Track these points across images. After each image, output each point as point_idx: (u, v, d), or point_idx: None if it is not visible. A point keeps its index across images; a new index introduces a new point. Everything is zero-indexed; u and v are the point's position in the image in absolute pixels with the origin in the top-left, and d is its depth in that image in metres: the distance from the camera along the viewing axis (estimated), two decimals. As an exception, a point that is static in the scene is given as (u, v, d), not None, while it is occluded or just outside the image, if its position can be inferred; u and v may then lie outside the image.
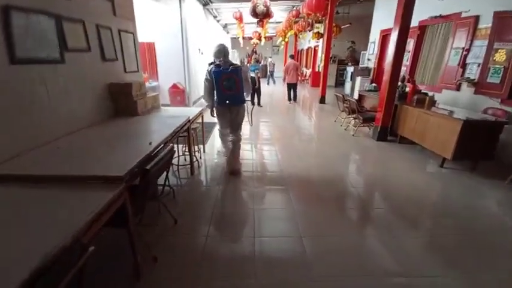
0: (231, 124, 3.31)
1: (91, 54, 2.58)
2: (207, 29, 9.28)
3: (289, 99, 9.42)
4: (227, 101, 3.11)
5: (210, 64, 3.12)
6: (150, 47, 5.95)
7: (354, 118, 5.46)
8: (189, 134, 3.08)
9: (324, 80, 8.65)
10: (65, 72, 2.25)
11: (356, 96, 7.98)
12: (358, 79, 8.07)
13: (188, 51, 5.96)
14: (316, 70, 14.71)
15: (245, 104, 3.27)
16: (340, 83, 14.24)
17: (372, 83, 7.68)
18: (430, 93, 4.72)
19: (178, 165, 3.32)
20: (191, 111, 3.41)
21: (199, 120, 3.70)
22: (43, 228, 1.11)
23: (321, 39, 12.57)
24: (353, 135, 5.17)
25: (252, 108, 4.52)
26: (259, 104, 8.18)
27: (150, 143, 2.00)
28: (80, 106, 2.42)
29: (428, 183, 3.32)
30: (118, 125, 2.62)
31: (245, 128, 5.69)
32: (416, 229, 2.38)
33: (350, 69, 8.92)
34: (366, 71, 8.20)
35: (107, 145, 1.97)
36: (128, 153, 1.81)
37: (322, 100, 8.78)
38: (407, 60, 6.28)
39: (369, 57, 8.45)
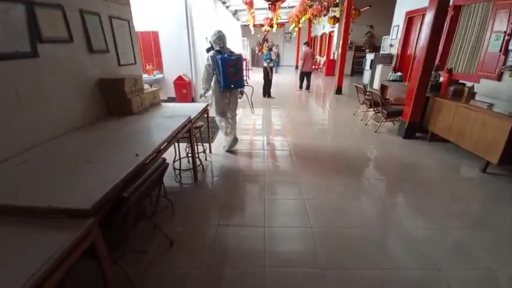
0: (230, 105, 3.64)
1: (74, 46, 2.20)
2: (215, 16, 8.75)
3: (301, 87, 9.02)
4: (232, 85, 3.40)
5: (209, 50, 3.39)
6: (154, 36, 5.55)
7: (377, 112, 4.91)
8: (191, 135, 2.69)
9: (341, 69, 8.01)
10: (40, 68, 1.89)
11: (376, 86, 7.34)
12: (379, 67, 7.39)
13: (194, 40, 5.51)
14: (331, 58, 13.91)
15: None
16: (357, 71, 13.42)
17: (395, 71, 7.00)
18: (468, 84, 4.10)
19: (180, 169, 2.96)
20: (194, 108, 3.02)
21: (205, 115, 3.31)
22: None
23: (336, 24, 11.77)
24: (376, 131, 4.63)
25: (252, 93, 4.16)
26: (269, 95, 7.69)
27: (137, 155, 1.63)
28: (60, 108, 2.07)
29: (470, 193, 2.82)
30: (106, 127, 2.26)
31: (255, 123, 5.26)
32: (475, 263, 1.91)
33: (370, 56, 8.20)
34: (387, 58, 7.49)
35: (83, 157, 1.61)
36: (106, 171, 1.44)
37: (338, 91, 8.17)
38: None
39: (391, 43, 7.70)
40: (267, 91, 7.68)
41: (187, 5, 5.29)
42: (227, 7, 10.89)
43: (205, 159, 3.43)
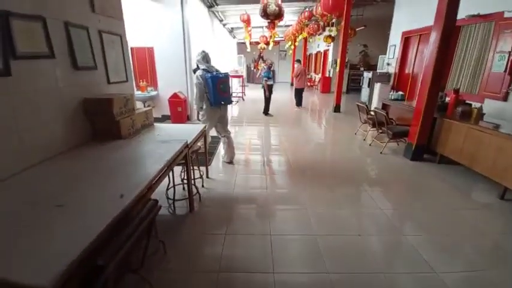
0: (221, 121, 3.76)
1: (55, 62, 1.93)
2: (212, 33, 8.71)
3: (298, 104, 9.02)
4: (222, 102, 3.57)
5: (196, 70, 3.54)
6: (149, 52, 5.36)
7: (380, 132, 4.72)
8: (187, 163, 2.40)
9: (339, 87, 7.94)
10: (12, 88, 1.61)
11: (375, 104, 7.25)
12: (378, 86, 7.34)
13: (191, 56, 5.34)
14: (327, 75, 14.02)
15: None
16: (352, 89, 13.51)
17: (393, 89, 6.95)
18: (474, 104, 3.97)
19: (174, 199, 2.64)
20: (191, 131, 2.74)
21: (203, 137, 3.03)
22: None
23: (331, 43, 11.92)
24: (381, 152, 4.42)
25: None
26: (267, 112, 7.50)
27: (122, 196, 1.32)
28: (34, 134, 1.77)
29: (492, 223, 2.56)
30: (90, 156, 1.96)
31: (253, 143, 5.00)
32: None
33: (367, 74, 8.19)
34: (385, 77, 7.46)
35: (54, 198, 1.30)
36: (79, 220, 1.13)
37: (336, 109, 8.05)
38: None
39: (388, 62, 7.72)
40: (265, 109, 7.50)
41: (184, 22, 5.15)
42: (224, 25, 10.94)
43: (202, 185, 3.11)
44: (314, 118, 7.86)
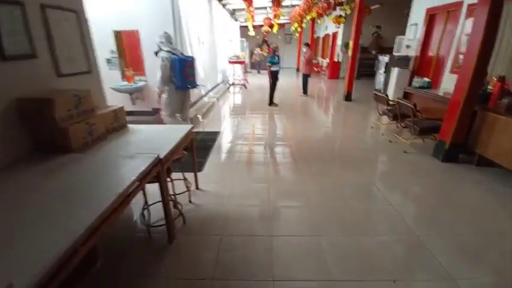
0: (185, 105, 3.76)
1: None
2: (210, 14, 7.88)
3: (305, 92, 8.29)
4: (188, 86, 3.53)
5: (159, 52, 3.35)
6: (134, 36, 4.67)
7: (403, 126, 4.03)
8: (161, 185, 1.79)
9: (351, 73, 7.14)
10: None
11: (391, 91, 6.48)
12: (395, 71, 6.52)
13: (182, 40, 4.63)
14: (335, 60, 13.06)
15: None
16: (363, 74, 12.54)
17: (414, 75, 6.14)
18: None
19: (149, 225, 2.07)
20: (174, 133, 2.13)
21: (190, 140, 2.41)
22: None
23: (341, 25, 10.93)
24: (405, 151, 3.75)
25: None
26: (271, 102, 6.80)
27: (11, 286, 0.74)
28: None
29: None
30: (10, 183, 1.37)
31: (255, 145, 4.37)
32: None
33: (384, 58, 7.34)
34: (404, 61, 6.61)
35: None
36: None
37: (348, 97, 7.29)
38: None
39: (407, 44, 6.84)
40: (270, 98, 6.80)
41: (173, 2, 4.41)
42: (224, 5, 10.03)
43: (189, 200, 2.53)
44: (323, 108, 7.12)
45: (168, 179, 2.07)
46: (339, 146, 4.23)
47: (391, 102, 4.35)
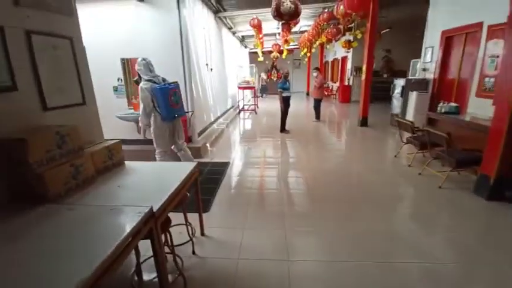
0: (178, 134, 3.42)
1: None
2: (220, 41, 7.93)
3: (318, 117, 7.97)
4: (176, 115, 3.22)
5: (139, 81, 3.07)
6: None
7: (435, 157, 3.59)
8: (154, 244, 1.42)
9: (365, 97, 6.85)
10: None
11: (411, 116, 6.08)
12: (414, 95, 6.18)
13: (190, 67, 4.49)
14: (346, 84, 12.91)
15: None
16: (376, 97, 12.24)
17: (434, 99, 5.78)
18: None
19: (141, 289, 1.67)
20: (175, 173, 1.80)
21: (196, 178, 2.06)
22: None
23: (350, 50, 10.90)
24: (440, 186, 3.28)
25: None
26: (284, 129, 6.50)
27: None
28: None
29: None
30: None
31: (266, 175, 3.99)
32: None
33: (399, 81, 7.04)
34: (422, 84, 6.29)
35: None
36: None
37: (363, 122, 6.93)
38: (494, 69, 4.33)
39: (424, 67, 6.56)
40: (281, 125, 6.50)
41: (181, 27, 4.32)
42: (234, 33, 10.20)
43: (193, 251, 2.12)
44: (339, 135, 6.75)
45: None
46: (360, 179, 3.79)
47: (416, 130, 3.95)
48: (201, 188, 2.35)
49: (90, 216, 1.31)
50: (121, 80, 4.59)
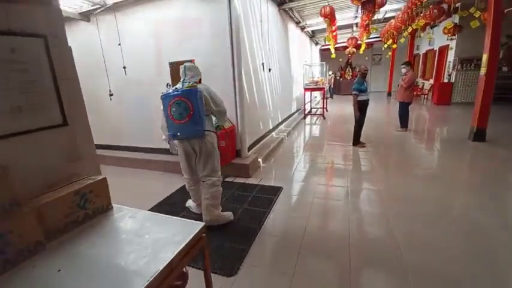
0: (197, 161, 2.52)
1: None
2: (285, 37, 7.05)
3: (404, 125, 6.25)
4: (178, 133, 2.39)
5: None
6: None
7: None
8: None
9: (485, 99, 4.88)
10: None
11: None
12: None
13: (241, 68, 3.76)
14: (445, 80, 10.20)
15: (209, 136, 2.42)
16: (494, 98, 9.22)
17: None
18: None
19: None
20: (170, 239, 1.05)
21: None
22: None
23: (455, 36, 8.44)
24: None
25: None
26: (357, 141, 5.17)
27: None
28: None
29: None
30: None
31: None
32: None
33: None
34: None
35: None
36: None
37: (479, 135, 4.94)
38: None
39: None
40: (354, 137, 5.21)
41: (232, 28, 3.62)
42: (302, 28, 9.16)
43: None
44: (439, 154, 4.85)
45: None
46: (483, 238, 2.32)
47: None
48: (237, 229, 1.49)
49: None
50: (169, 85, 4.23)
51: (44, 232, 1.16)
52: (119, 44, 4.01)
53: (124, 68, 4.05)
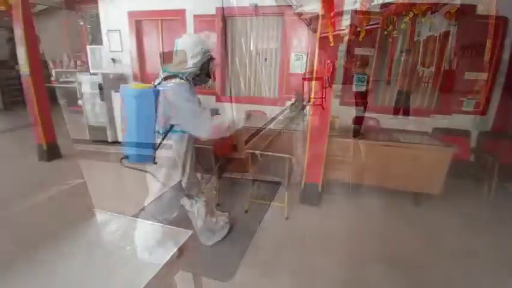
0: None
1: None
2: (277, 24, 6.80)
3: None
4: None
5: None
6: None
7: None
8: None
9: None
10: None
11: None
12: None
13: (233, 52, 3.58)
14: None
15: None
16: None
17: None
18: None
19: None
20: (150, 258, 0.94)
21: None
22: None
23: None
24: None
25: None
26: (358, 132, 5.00)
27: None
28: None
29: None
30: None
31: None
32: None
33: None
34: None
35: None
36: None
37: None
38: None
39: None
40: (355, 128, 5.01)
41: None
42: (299, 15, 8.80)
43: None
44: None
45: None
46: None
47: None
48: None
49: None
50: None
51: (15, 243, 1.04)
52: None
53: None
